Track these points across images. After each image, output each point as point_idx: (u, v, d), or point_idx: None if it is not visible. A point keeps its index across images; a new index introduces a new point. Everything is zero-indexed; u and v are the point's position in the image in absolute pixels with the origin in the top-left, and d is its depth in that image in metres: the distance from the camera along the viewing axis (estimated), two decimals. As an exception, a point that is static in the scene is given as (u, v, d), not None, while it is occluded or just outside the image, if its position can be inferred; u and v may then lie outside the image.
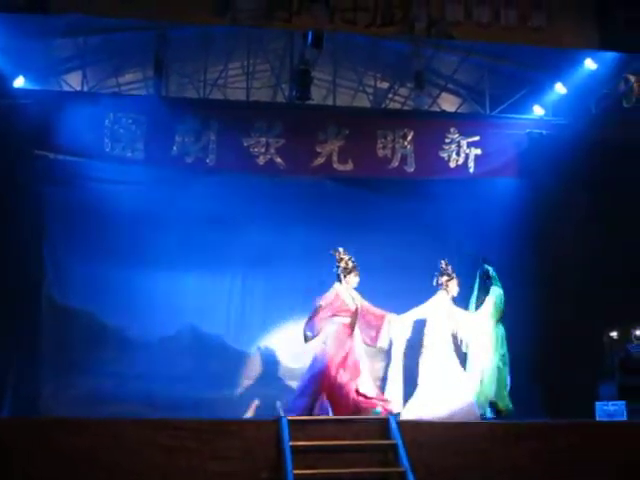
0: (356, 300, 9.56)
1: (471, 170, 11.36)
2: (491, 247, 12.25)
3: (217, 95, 12.37)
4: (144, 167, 11.27)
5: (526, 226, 11.46)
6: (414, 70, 11.99)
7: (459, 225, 13.28)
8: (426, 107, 12.57)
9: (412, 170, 11.29)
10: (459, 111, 13.01)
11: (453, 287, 9.89)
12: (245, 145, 11.01)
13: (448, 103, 13.24)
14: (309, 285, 12.97)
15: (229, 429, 7.48)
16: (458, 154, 11.34)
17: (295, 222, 12.48)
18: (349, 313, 9.45)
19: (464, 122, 11.68)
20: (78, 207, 11.84)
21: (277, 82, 12.80)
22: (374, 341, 9.38)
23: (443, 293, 9.86)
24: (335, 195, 12.52)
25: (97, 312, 11.99)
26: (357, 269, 9.82)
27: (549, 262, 11.13)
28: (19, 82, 10.86)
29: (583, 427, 8.24)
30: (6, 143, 10.16)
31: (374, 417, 8.24)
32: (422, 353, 9.54)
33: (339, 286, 9.66)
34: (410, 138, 11.30)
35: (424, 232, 12.92)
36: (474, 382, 9.61)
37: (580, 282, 10.87)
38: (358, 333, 9.36)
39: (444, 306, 9.77)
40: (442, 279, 9.97)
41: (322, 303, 9.37)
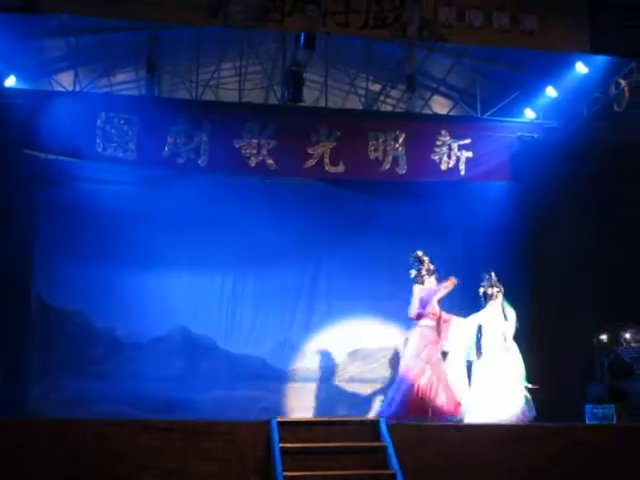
0: None
1: (462, 173, 11.38)
2: (481, 250, 12.32)
3: (209, 96, 12.35)
4: (135, 167, 11.25)
5: (517, 229, 11.49)
6: (406, 73, 12.02)
7: (450, 228, 13.38)
8: (418, 109, 12.60)
9: (403, 172, 11.29)
10: (450, 114, 13.03)
11: (500, 297, 9.89)
12: (237, 146, 10.99)
13: (440, 106, 13.27)
14: (300, 286, 13.09)
15: (219, 430, 7.44)
16: (449, 157, 11.36)
17: (286, 223, 12.53)
18: (436, 316, 9.60)
19: (455, 125, 11.70)
20: (69, 207, 11.85)
21: (269, 83, 12.79)
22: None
23: (494, 303, 9.85)
24: (326, 197, 12.58)
25: (86, 312, 12.03)
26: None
27: (539, 265, 11.14)
28: (10, 81, 10.82)
29: (573, 430, 8.24)
30: (-4, 142, 10.12)
31: (364, 418, 8.26)
32: (478, 359, 9.61)
33: (422, 288, 9.73)
34: (402, 140, 11.31)
35: (414, 234, 12.97)
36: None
37: (570, 285, 10.89)
38: None
39: (497, 314, 9.80)
40: (493, 290, 9.93)
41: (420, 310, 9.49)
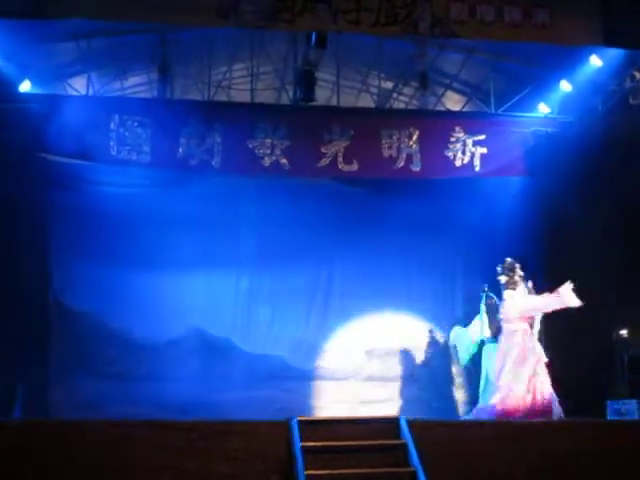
0: None
1: (477, 169, 11.33)
2: (497, 246, 12.28)
3: (221, 97, 12.37)
4: (149, 170, 11.28)
5: (532, 224, 11.44)
6: (418, 69, 11.98)
7: (465, 225, 13.34)
8: (431, 106, 12.57)
9: (418, 170, 11.25)
10: (464, 110, 13.00)
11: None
12: (250, 147, 11.00)
13: (453, 102, 13.23)
14: (315, 285, 13.09)
15: (239, 430, 7.45)
16: (464, 153, 11.31)
17: (300, 223, 12.53)
18: (532, 320, 9.83)
19: (469, 121, 11.66)
20: (84, 210, 11.89)
21: (281, 83, 12.79)
22: None
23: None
24: (341, 195, 12.57)
25: (103, 314, 12.07)
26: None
27: (556, 261, 11.06)
28: (25, 86, 10.89)
29: (593, 426, 8.19)
30: (12, 147, 10.18)
31: (384, 416, 8.26)
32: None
33: (515, 293, 9.86)
34: (415, 138, 11.27)
35: (429, 232, 12.99)
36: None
37: (589, 280, 10.81)
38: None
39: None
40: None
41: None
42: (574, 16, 9.52)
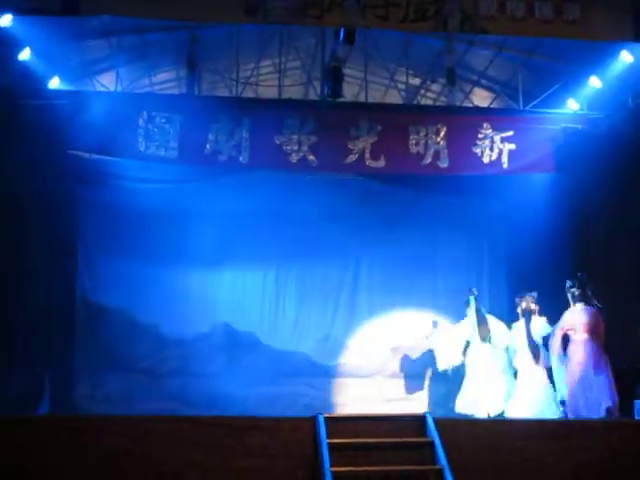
0: None
1: (505, 166, 11.24)
2: (525, 243, 12.22)
3: (249, 93, 12.38)
4: (177, 166, 11.31)
5: (561, 222, 11.34)
6: (446, 66, 11.91)
7: (493, 222, 13.32)
8: (459, 103, 12.50)
9: (445, 166, 11.17)
10: (492, 106, 12.91)
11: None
12: (278, 143, 10.97)
13: (481, 98, 13.14)
14: (342, 281, 13.10)
15: (265, 426, 7.46)
16: (492, 149, 11.22)
17: (327, 219, 12.56)
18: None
19: (497, 117, 11.55)
20: (112, 206, 11.99)
21: (309, 79, 12.78)
22: None
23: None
24: (368, 192, 12.58)
25: (131, 310, 12.17)
26: None
27: (585, 259, 10.95)
28: (54, 83, 10.97)
29: (620, 426, 8.12)
30: (41, 143, 10.22)
31: (410, 414, 8.23)
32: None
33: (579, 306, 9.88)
34: (443, 134, 11.19)
35: (456, 229, 12.97)
36: None
37: (617, 276, 10.71)
38: None
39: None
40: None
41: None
42: (605, 12, 9.42)
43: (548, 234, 11.46)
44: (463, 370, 10.98)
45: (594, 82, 11.19)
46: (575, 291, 9.86)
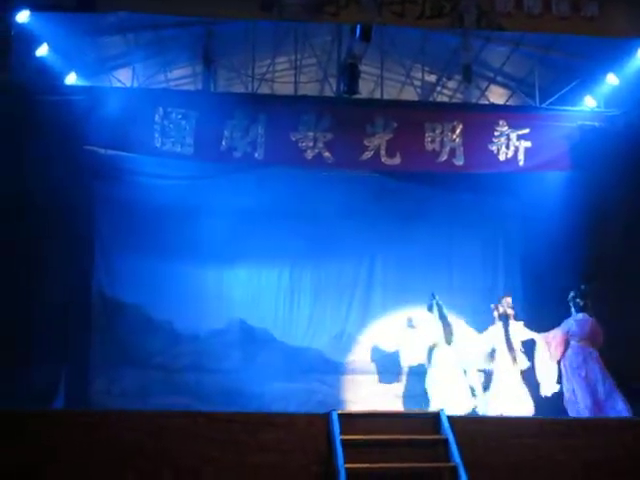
0: None
1: (521, 163, 11.18)
2: (541, 241, 12.18)
3: (265, 89, 12.41)
4: (193, 162, 11.33)
5: (578, 219, 11.27)
6: (462, 62, 11.89)
7: (508, 219, 13.28)
8: (475, 100, 12.47)
9: (461, 164, 11.12)
10: (508, 103, 12.88)
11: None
12: (293, 139, 10.96)
13: (497, 95, 13.11)
14: (356, 278, 13.10)
15: (280, 422, 7.48)
16: (508, 147, 11.16)
17: (342, 216, 12.55)
18: None
19: (513, 115, 11.49)
20: (128, 202, 12.03)
21: (325, 76, 12.79)
22: None
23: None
24: (383, 189, 12.56)
25: (146, 305, 12.21)
26: None
27: (602, 256, 10.89)
28: (71, 78, 11.03)
29: (635, 425, 8.08)
30: (58, 138, 10.26)
31: (425, 411, 8.26)
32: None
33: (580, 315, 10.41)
34: (459, 131, 11.14)
35: (471, 226, 12.94)
36: None
37: (633, 278, 10.65)
38: None
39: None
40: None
41: None
42: (623, 8, 9.39)
43: (564, 232, 11.41)
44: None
45: (611, 79, 11.13)
46: (579, 301, 10.39)
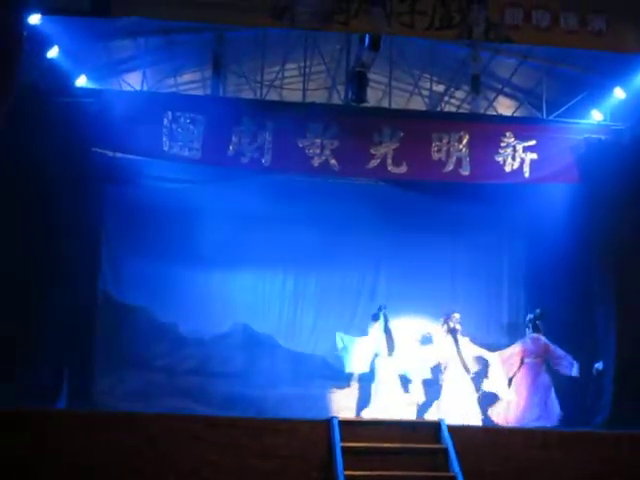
0: None
1: (526, 175, 11.20)
2: (546, 253, 12.21)
3: (273, 96, 12.46)
4: (200, 166, 11.37)
5: (582, 232, 11.30)
6: (470, 73, 11.92)
7: (512, 229, 13.31)
8: (482, 110, 12.51)
9: (467, 174, 11.15)
10: (515, 115, 12.91)
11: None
12: (300, 146, 10.99)
13: (504, 107, 13.15)
14: (360, 286, 13.14)
15: (281, 428, 7.55)
16: (514, 158, 11.19)
17: (348, 224, 12.60)
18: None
19: (520, 126, 11.52)
20: (135, 205, 12.09)
21: (333, 84, 12.84)
22: None
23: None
24: (389, 197, 12.59)
25: (151, 308, 12.27)
26: None
27: (607, 269, 10.88)
28: (81, 81, 11.08)
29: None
30: (67, 141, 10.31)
31: (425, 420, 8.29)
32: None
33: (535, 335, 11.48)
34: (465, 141, 11.18)
35: (476, 236, 12.97)
36: None
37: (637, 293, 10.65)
38: None
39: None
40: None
41: None
42: (631, 23, 9.38)
43: (568, 244, 11.44)
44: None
45: (618, 93, 11.15)
46: (534, 323, 11.49)
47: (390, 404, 10.93)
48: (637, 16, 9.37)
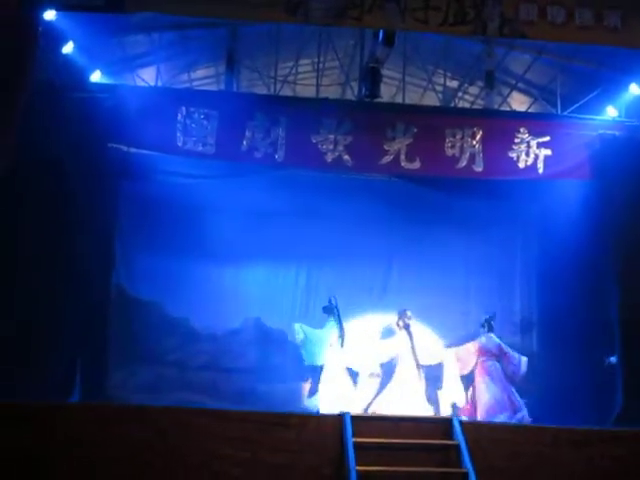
0: None
1: (540, 171, 11.16)
2: (558, 249, 12.16)
3: (287, 91, 12.48)
4: (214, 161, 11.39)
5: (595, 228, 11.25)
6: (485, 69, 11.90)
7: (525, 225, 13.28)
8: (496, 106, 12.46)
9: (480, 170, 11.12)
10: (529, 111, 12.87)
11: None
12: (314, 142, 10.99)
13: (518, 102, 13.11)
14: (373, 281, 13.14)
15: (293, 422, 7.56)
16: (527, 154, 11.14)
17: (360, 219, 12.60)
18: None
19: (534, 122, 11.46)
20: (149, 200, 12.13)
21: (346, 79, 12.84)
22: None
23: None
24: (402, 193, 12.58)
25: (164, 303, 12.32)
26: None
27: (617, 267, 10.82)
28: (95, 76, 11.14)
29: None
30: (82, 136, 10.34)
31: (437, 416, 8.29)
32: None
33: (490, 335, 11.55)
34: (479, 137, 11.13)
35: (489, 232, 12.95)
36: None
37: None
38: None
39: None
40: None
41: None
42: (646, 20, 9.33)
43: (581, 240, 11.38)
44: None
45: (633, 89, 11.10)
46: (491, 324, 11.52)
47: (336, 396, 10.75)
48: (652, 12, 9.32)
